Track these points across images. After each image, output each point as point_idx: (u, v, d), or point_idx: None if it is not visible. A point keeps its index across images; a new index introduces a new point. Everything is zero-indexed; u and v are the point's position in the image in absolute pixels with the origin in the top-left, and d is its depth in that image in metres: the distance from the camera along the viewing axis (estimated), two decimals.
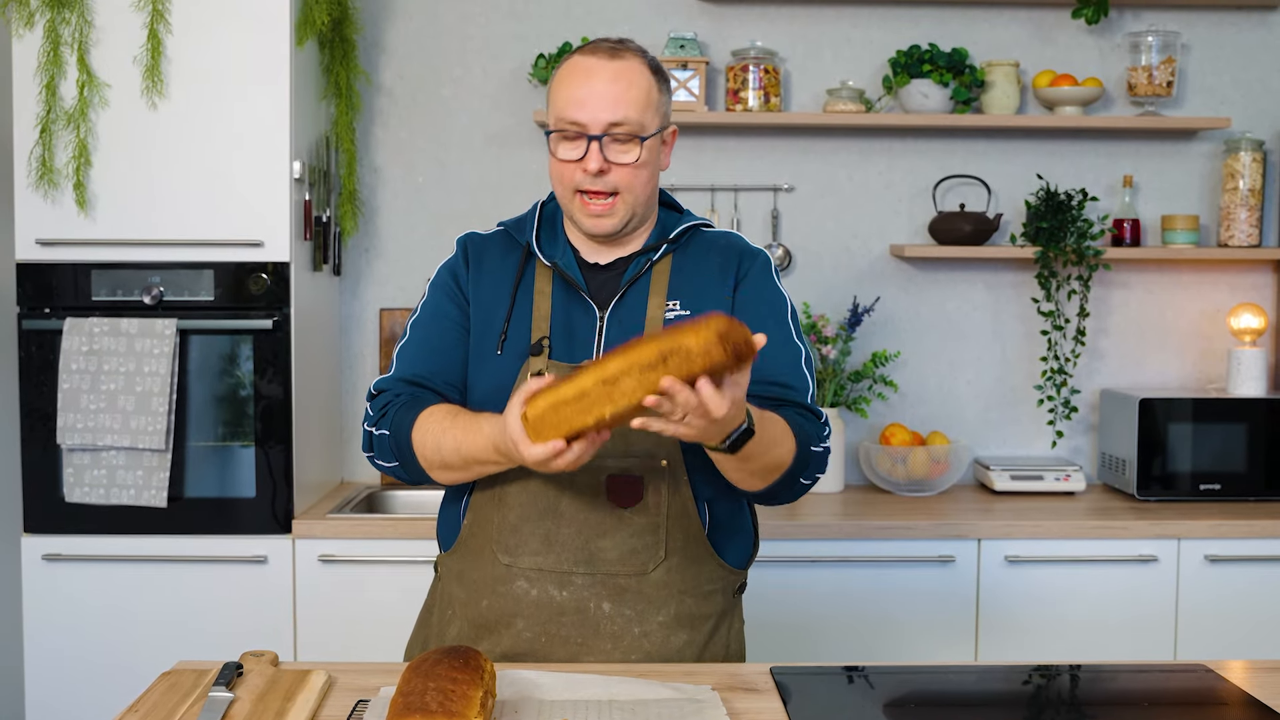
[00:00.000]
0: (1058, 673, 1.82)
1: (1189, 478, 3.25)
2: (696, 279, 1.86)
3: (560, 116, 1.80)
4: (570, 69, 1.82)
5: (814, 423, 1.81)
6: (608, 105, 1.77)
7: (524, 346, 1.83)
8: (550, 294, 1.85)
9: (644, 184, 1.82)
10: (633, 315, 1.83)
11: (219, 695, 1.59)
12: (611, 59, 1.80)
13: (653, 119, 1.81)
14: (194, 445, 3.00)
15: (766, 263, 1.91)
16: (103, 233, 2.96)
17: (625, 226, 1.84)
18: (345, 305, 3.51)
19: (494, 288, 1.88)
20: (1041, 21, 3.52)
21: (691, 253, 1.89)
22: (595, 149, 1.78)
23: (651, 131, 1.81)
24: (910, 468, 3.32)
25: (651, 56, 1.86)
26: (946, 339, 3.56)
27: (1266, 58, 3.54)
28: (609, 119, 1.77)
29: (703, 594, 1.87)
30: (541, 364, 1.80)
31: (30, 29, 2.91)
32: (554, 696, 1.61)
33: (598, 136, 1.78)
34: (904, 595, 3.00)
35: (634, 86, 1.79)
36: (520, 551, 1.82)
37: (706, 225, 1.94)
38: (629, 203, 1.81)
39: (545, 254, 1.87)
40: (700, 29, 3.47)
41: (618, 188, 1.80)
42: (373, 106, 3.48)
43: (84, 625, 2.99)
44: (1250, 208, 3.42)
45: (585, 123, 1.78)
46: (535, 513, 1.82)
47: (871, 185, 3.54)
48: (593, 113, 1.77)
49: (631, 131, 1.78)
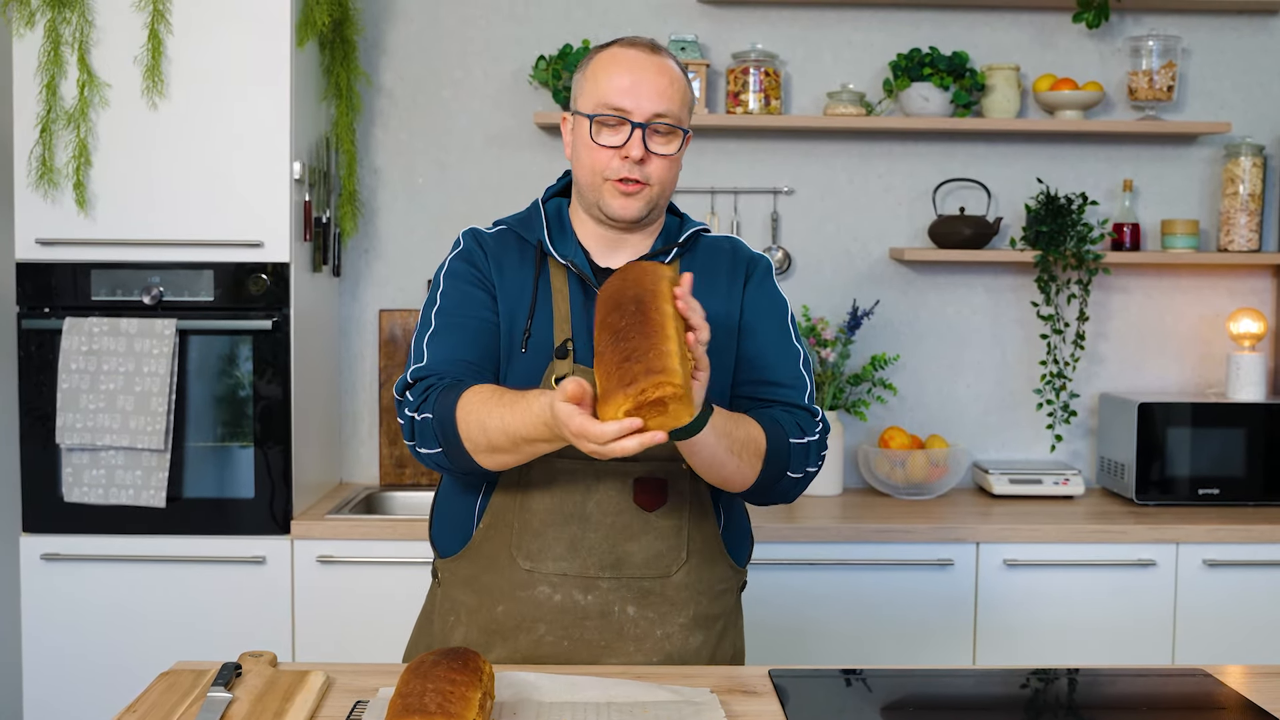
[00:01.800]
0: (1056, 676, 1.82)
1: (1188, 482, 3.25)
2: (705, 282, 1.86)
3: (604, 102, 1.80)
4: (613, 58, 1.83)
5: (802, 417, 1.82)
6: (654, 96, 1.79)
7: (548, 346, 1.82)
8: (569, 294, 1.84)
9: (673, 179, 1.85)
10: None
11: (217, 695, 1.59)
12: (653, 54, 1.83)
13: (688, 116, 1.85)
14: (193, 445, 3.00)
15: (768, 267, 1.95)
16: (102, 233, 2.96)
17: (648, 215, 1.85)
18: (345, 306, 3.51)
19: (513, 283, 1.86)
20: (1042, 25, 3.52)
21: (698, 256, 1.91)
22: (639, 137, 1.79)
23: (687, 127, 1.84)
24: (909, 471, 3.32)
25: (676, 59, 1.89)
26: (946, 342, 3.56)
27: (1267, 62, 3.54)
28: (654, 109, 1.79)
29: (715, 594, 1.89)
30: (567, 368, 1.80)
31: (31, 28, 2.91)
32: (552, 699, 1.61)
33: (642, 125, 1.79)
34: (902, 598, 3.00)
35: (676, 82, 1.82)
36: (544, 557, 1.81)
37: (705, 230, 1.95)
38: (656, 194, 1.83)
39: (559, 252, 1.86)
40: (701, 31, 3.47)
41: (650, 179, 1.81)
42: (373, 108, 3.48)
43: (82, 625, 2.99)
44: (1250, 212, 3.42)
45: (631, 110, 1.79)
46: (560, 517, 1.81)
47: (871, 188, 3.54)
48: (639, 101, 1.79)
49: (674, 124, 1.81)
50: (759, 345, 1.88)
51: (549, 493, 1.81)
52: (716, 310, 1.83)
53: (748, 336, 1.88)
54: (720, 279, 1.89)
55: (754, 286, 1.92)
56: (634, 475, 1.80)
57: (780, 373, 1.86)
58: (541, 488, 1.82)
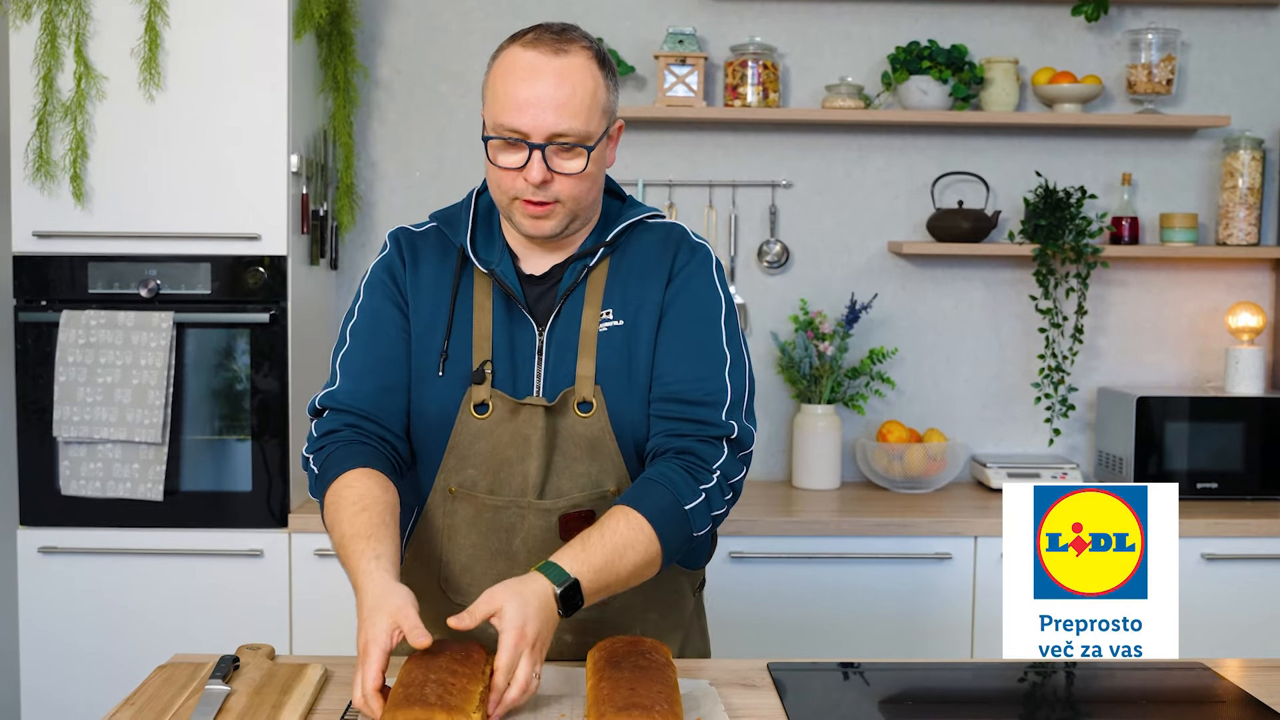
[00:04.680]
0: (1054, 670, 1.82)
1: (1186, 476, 3.25)
2: (632, 281, 1.74)
3: (499, 122, 1.64)
4: (510, 64, 1.66)
5: (705, 452, 1.68)
6: (552, 112, 1.62)
7: (466, 369, 1.72)
8: (490, 309, 1.74)
9: (588, 191, 1.70)
10: (569, 329, 1.73)
11: (215, 688, 1.59)
12: (555, 55, 1.64)
13: (599, 122, 1.67)
14: (190, 439, 3.00)
15: (706, 259, 1.78)
16: (99, 225, 2.96)
17: (566, 229, 1.72)
18: (342, 299, 3.50)
19: (431, 295, 1.76)
20: (1041, 18, 3.52)
21: (629, 252, 1.77)
22: (538, 159, 1.63)
23: (598, 138, 1.67)
24: (907, 465, 3.32)
25: (598, 45, 1.72)
26: (944, 336, 3.56)
27: (1266, 56, 3.53)
28: (553, 128, 1.63)
29: (666, 607, 1.82)
30: (485, 393, 1.71)
31: (27, 20, 2.90)
32: (550, 691, 1.60)
33: (540, 146, 1.63)
34: (900, 592, 3.00)
35: (580, 88, 1.64)
36: (472, 591, 1.70)
37: (654, 217, 1.80)
38: (570, 209, 1.70)
39: (482, 260, 1.75)
40: (699, 24, 3.46)
41: (560, 197, 1.67)
42: (370, 101, 3.48)
43: (80, 618, 2.98)
44: (1249, 206, 3.42)
45: (527, 131, 1.63)
46: (487, 553, 1.74)
47: (870, 182, 3.53)
48: (535, 120, 1.62)
49: (577, 140, 1.64)
50: (673, 355, 1.72)
51: (474, 529, 1.75)
52: (639, 315, 1.73)
53: (662, 344, 1.73)
54: (646, 275, 1.75)
55: (682, 279, 1.75)
56: (559, 511, 1.72)
57: (693, 388, 1.70)
58: (467, 524, 1.75)
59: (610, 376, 1.73)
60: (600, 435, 1.73)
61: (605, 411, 1.72)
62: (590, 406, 1.72)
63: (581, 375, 1.72)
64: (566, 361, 1.73)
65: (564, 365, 1.73)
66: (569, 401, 1.72)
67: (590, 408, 1.72)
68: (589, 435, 1.73)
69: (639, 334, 1.73)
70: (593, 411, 1.72)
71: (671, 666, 1.55)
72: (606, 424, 1.73)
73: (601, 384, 1.72)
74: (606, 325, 1.73)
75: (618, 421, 1.73)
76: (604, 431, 1.73)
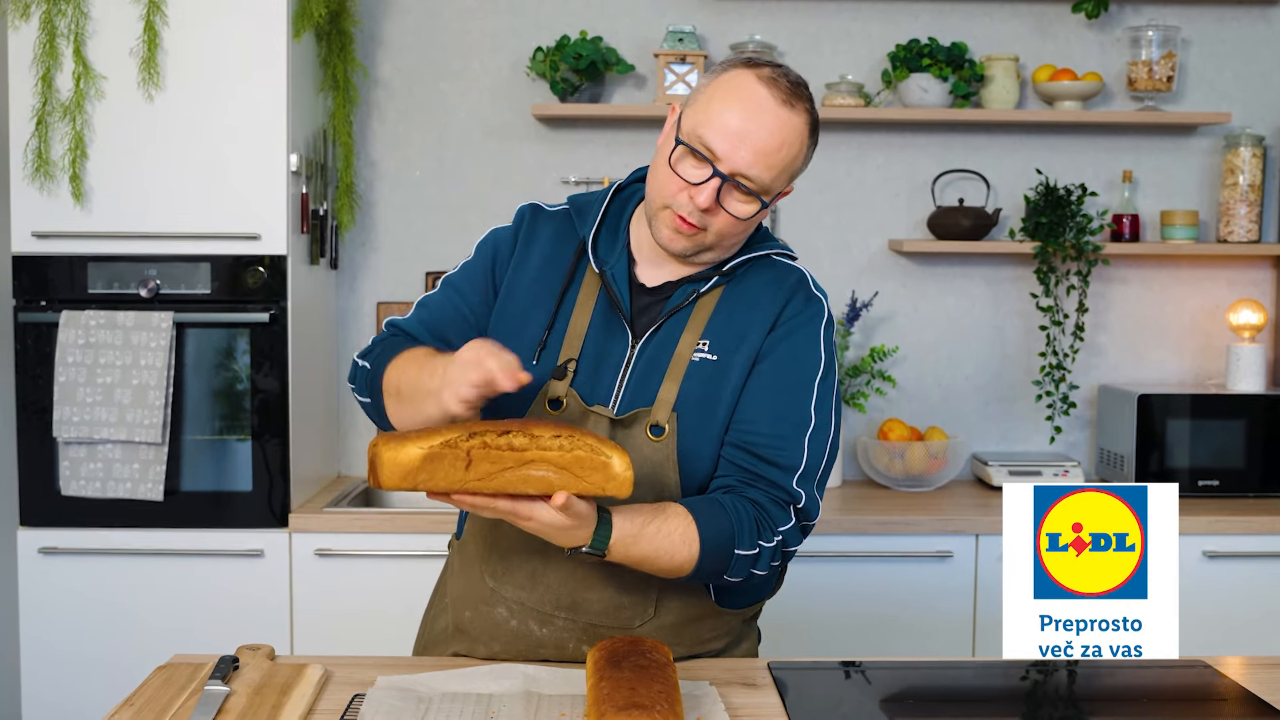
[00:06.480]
0: (1055, 668, 1.82)
1: (1187, 474, 3.25)
2: (737, 318, 1.71)
3: (699, 134, 1.62)
4: (737, 87, 1.63)
5: (775, 514, 1.67)
6: (752, 153, 1.60)
7: (554, 362, 1.71)
8: (591, 308, 1.72)
9: (736, 234, 1.68)
10: (663, 350, 1.70)
11: (215, 689, 1.59)
12: (783, 105, 1.62)
13: (783, 183, 1.67)
14: (190, 439, 2.99)
15: (818, 314, 1.73)
16: (99, 225, 2.95)
17: (698, 256, 1.70)
18: (342, 299, 3.50)
19: (534, 280, 1.75)
20: (1041, 16, 3.51)
21: (745, 286, 1.73)
22: (713, 186, 1.61)
23: (774, 195, 1.66)
24: (908, 463, 3.32)
25: (815, 112, 1.68)
26: (945, 334, 3.55)
27: (1267, 53, 3.53)
28: (745, 169, 1.61)
29: (700, 641, 1.79)
30: (562, 390, 1.69)
31: (26, 20, 2.90)
32: (551, 691, 1.60)
33: (724, 177, 1.61)
34: (901, 590, 3.00)
35: (787, 148, 1.63)
36: (506, 580, 1.74)
37: (782, 254, 1.77)
38: (710, 242, 1.67)
39: (600, 258, 1.73)
40: (699, 22, 3.46)
41: (711, 228, 1.65)
42: (370, 100, 3.47)
43: (80, 618, 2.98)
44: (1250, 203, 3.41)
45: (721, 156, 1.61)
46: (524, 546, 1.72)
47: (870, 180, 3.53)
48: (734, 151, 1.60)
49: (758, 190, 1.63)
50: (758, 405, 1.69)
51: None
52: (735, 355, 1.69)
53: (750, 390, 1.69)
54: (753, 316, 1.71)
55: (785, 330, 1.71)
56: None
57: (769, 444, 1.67)
58: None
59: (689, 407, 1.69)
60: (664, 463, 1.68)
61: (675, 440, 1.68)
62: (662, 431, 1.68)
63: (662, 399, 1.68)
64: (651, 381, 1.69)
65: (647, 384, 1.70)
66: (642, 421, 1.69)
67: (662, 432, 1.68)
68: (654, 460, 1.68)
69: (729, 373, 1.69)
70: (664, 437, 1.68)
71: (672, 666, 1.55)
72: (673, 453, 1.68)
73: (679, 412, 1.69)
74: (700, 356, 1.70)
75: (685, 454, 1.69)
76: (669, 460, 1.68)
